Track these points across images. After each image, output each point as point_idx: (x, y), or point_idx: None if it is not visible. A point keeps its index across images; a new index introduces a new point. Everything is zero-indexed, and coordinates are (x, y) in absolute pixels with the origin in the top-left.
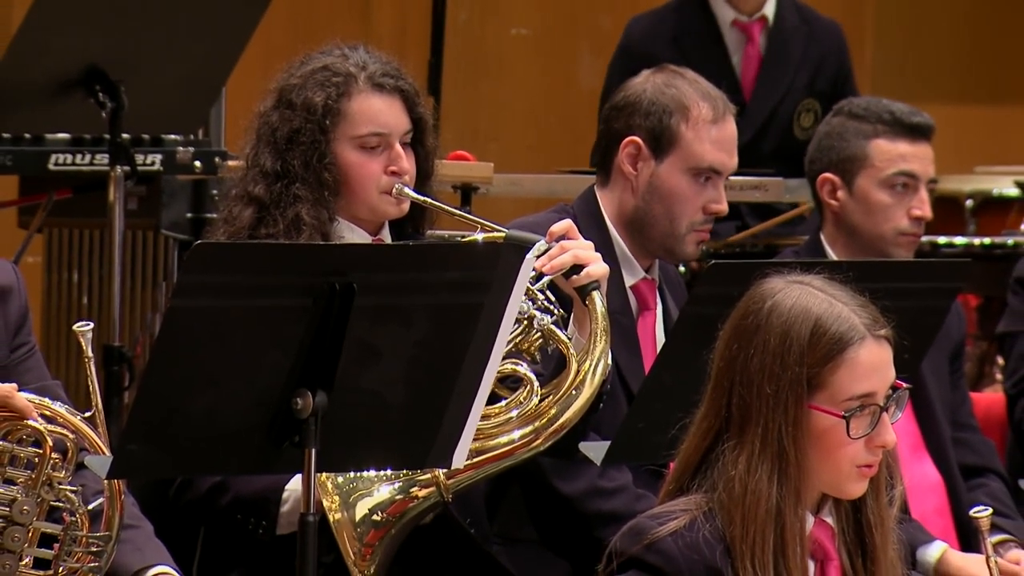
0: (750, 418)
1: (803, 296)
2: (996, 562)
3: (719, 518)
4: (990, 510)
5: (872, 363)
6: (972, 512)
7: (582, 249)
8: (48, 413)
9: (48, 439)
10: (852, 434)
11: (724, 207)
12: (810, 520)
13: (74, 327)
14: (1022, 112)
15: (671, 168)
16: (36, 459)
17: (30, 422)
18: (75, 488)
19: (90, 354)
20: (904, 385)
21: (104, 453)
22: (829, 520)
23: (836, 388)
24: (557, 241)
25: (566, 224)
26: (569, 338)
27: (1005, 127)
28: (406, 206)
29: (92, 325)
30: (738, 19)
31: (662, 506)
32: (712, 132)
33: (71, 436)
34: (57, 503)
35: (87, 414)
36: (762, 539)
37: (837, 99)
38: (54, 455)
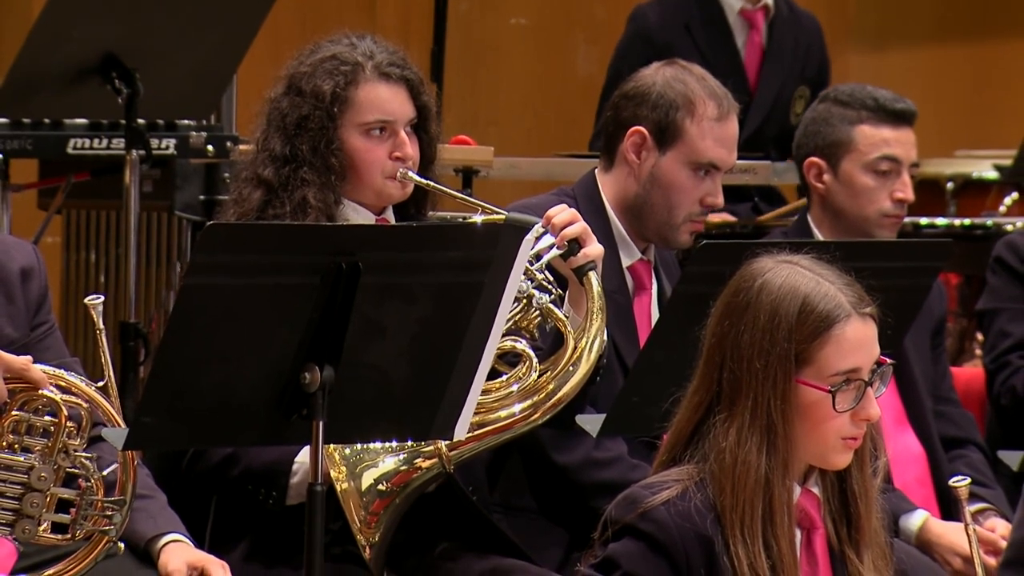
0: (740, 392)
1: (791, 275)
2: (975, 530)
3: (710, 488)
4: (969, 480)
5: (857, 340)
6: (951, 482)
7: (583, 230)
8: (63, 384)
9: (63, 408)
10: (838, 408)
11: (720, 201)
12: (797, 490)
13: (85, 300)
14: (1002, 98)
15: (673, 160)
16: (52, 428)
17: (45, 392)
18: (90, 455)
19: (101, 326)
20: (888, 361)
21: (117, 421)
22: (815, 490)
23: (823, 364)
24: (562, 230)
25: (571, 212)
26: (566, 316)
27: (984, 113)
28: (410, 189)
29: (103, 298)
30: (744, 8)
31: (655, 476)
32: (715, 129)
33: (85, 405)
34: (73, 469)
35: (100, 384)
36: (751, 508)
37: (820, 86)
38: (69, 424)
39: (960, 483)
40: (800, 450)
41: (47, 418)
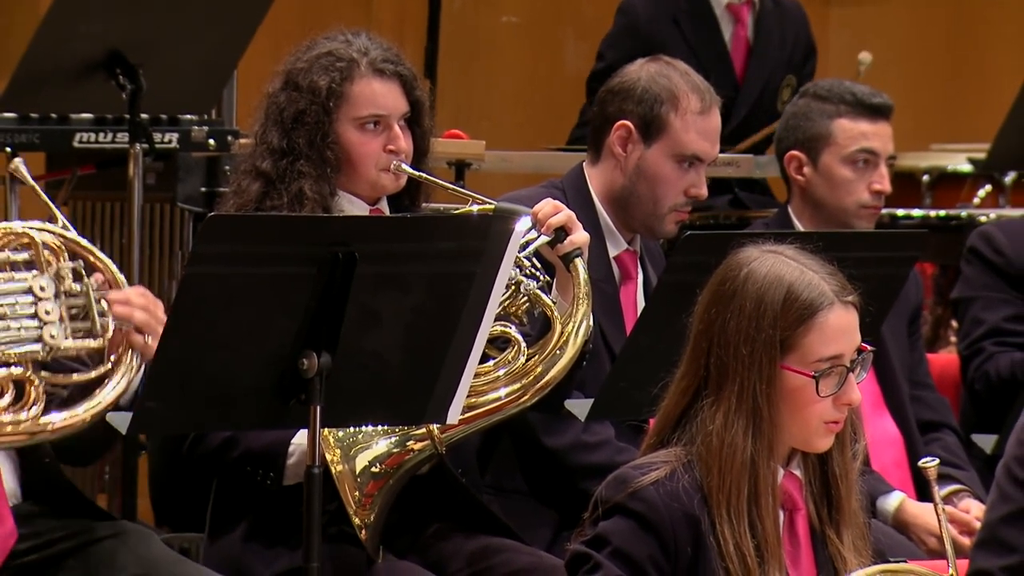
0: (727, 377)
1: (776, 264)
2: (944, 509)
3: (697, 469)
4: (937, 461)
5: (840, 327)
6: (921, 463)
7: (568, 218)
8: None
9: (37, 240)
10: (821, 393)
11: (704, 191)
12: (780, 472)
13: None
14: (976, 93)
15: (658, 153)
16: (32, 259)
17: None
18: (75, 264)
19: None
20: (868, 348)
21: (84, 245)
22: (797, 472)
23: (807, 350)
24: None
25: (555, 202)
26: (554, 302)
27: (959, 107)
28: (403, 181)
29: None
30: (731, 2)
31: (644, 458)
32: (699, 123)
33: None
34: (72, 285)
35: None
36: (737, 489)
37: (805, 74)
38: (46, 253)
39: (929, 464)
40: (784, 433)
41: (26, 254)
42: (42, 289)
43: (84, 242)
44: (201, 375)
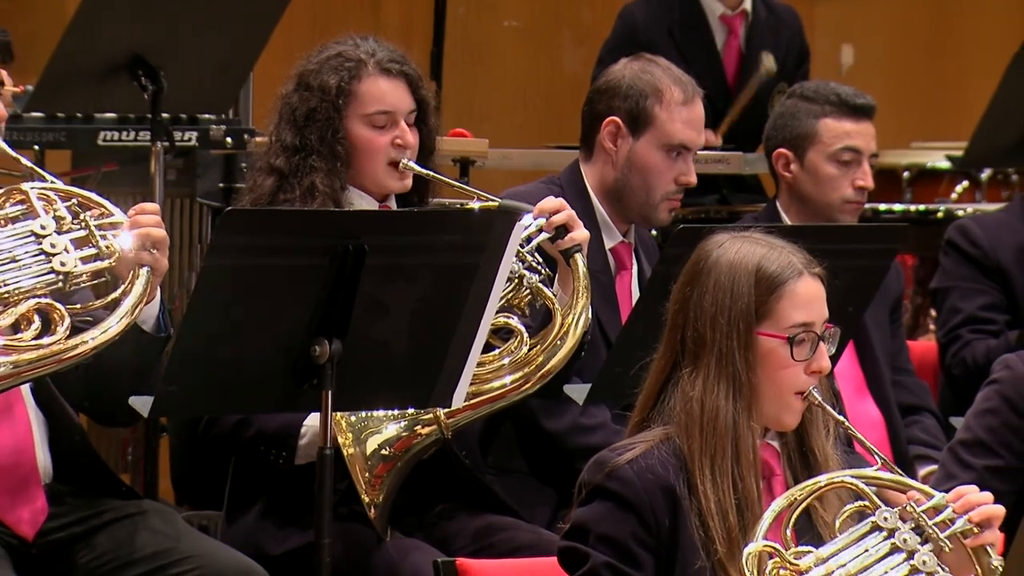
0: (704, 347)
1: (746, 243)
2: (846, 423)
3: (677, 439)
4: (813, 387)
5: (809, 295)
6: (805, 393)
7: (569, 216)
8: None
9: (31, 196)
10: (795, 357)
11: (693, 179)
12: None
13: None
14: (954, 93)
15: (647, 145)
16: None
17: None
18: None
19: None
20: (833, 326)
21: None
22: (774, 443)
23: (780, 316)
24: (549, 216)
25: (559, 200)
26: (554, 295)
27: (938, 106)
28: (408, 181)
29: None
30: (725, 13)
31: (623, 441)
32: (683, 113)
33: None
34: (72, 225)
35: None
36: (722, 449)
37: (798, 74)
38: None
39: (812, 391)
40: (761, 399)
41: (22, 207)
42: (43, 228)
43: (73, 188)
44: (219, 361)
